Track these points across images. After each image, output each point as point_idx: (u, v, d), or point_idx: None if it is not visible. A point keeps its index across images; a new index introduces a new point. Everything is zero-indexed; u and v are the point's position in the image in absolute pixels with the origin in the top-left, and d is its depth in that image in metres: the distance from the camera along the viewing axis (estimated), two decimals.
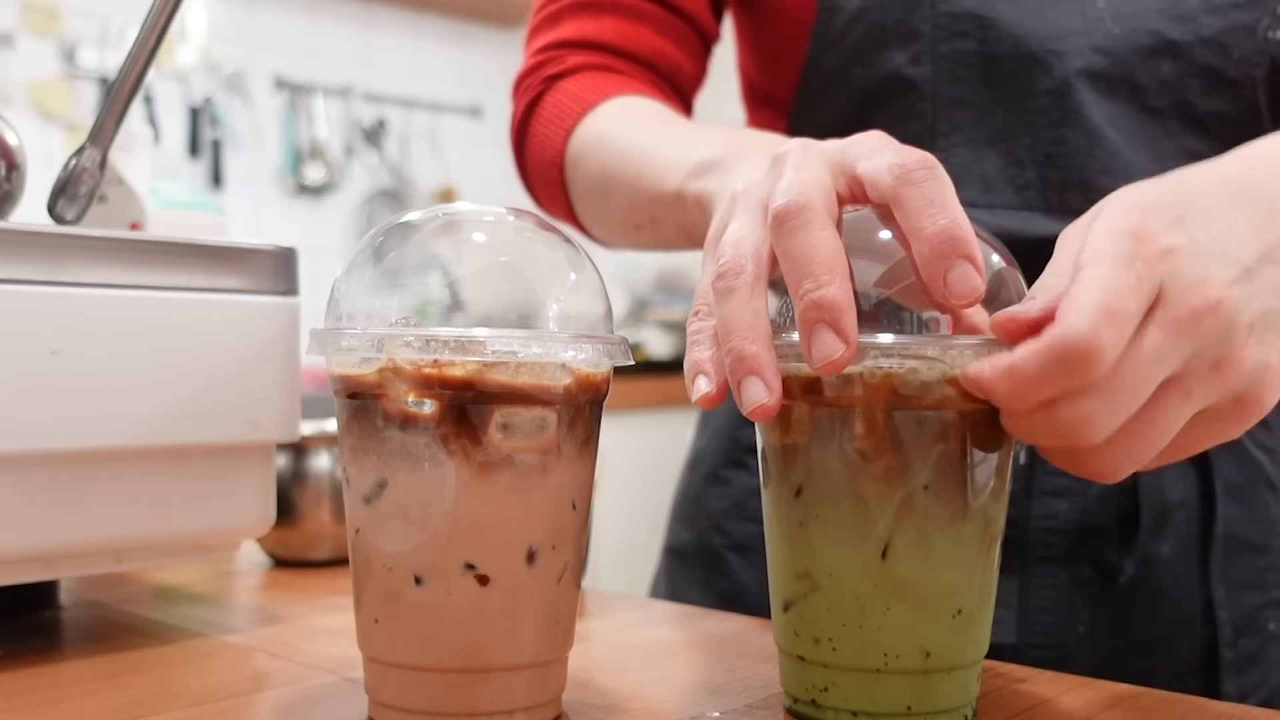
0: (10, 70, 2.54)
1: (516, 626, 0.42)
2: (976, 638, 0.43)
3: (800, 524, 0.43)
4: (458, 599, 0.41)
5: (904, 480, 0.41)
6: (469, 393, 0.40)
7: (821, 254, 0.39)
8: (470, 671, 0.42)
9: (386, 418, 0.41)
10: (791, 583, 0.44)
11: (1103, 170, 0.63)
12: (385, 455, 0.42)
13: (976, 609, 0.43)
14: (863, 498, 0.41)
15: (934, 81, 0.65)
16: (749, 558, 0.76)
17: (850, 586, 0.42)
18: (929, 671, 0.42)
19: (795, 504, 0.43)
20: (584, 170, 0.72)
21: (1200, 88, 0.63)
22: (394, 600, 0.42)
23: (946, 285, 0.38)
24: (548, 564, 0.43)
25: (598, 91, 0.73)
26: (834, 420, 0.41)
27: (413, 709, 0.42)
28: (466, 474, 0.41)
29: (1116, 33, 0.63)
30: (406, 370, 0.41)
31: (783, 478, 0.43)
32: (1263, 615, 0.67)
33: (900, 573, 0.41)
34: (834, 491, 0.42)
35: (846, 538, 0.42)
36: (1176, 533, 0.67)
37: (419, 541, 0.42)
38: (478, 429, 0.41)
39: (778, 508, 0.44)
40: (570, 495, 0.43)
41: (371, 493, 0.42)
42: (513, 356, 0.41)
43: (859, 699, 0.42)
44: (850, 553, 0.42)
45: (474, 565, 0.41)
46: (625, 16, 0.75)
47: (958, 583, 0.42)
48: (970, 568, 0.42)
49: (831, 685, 0.43)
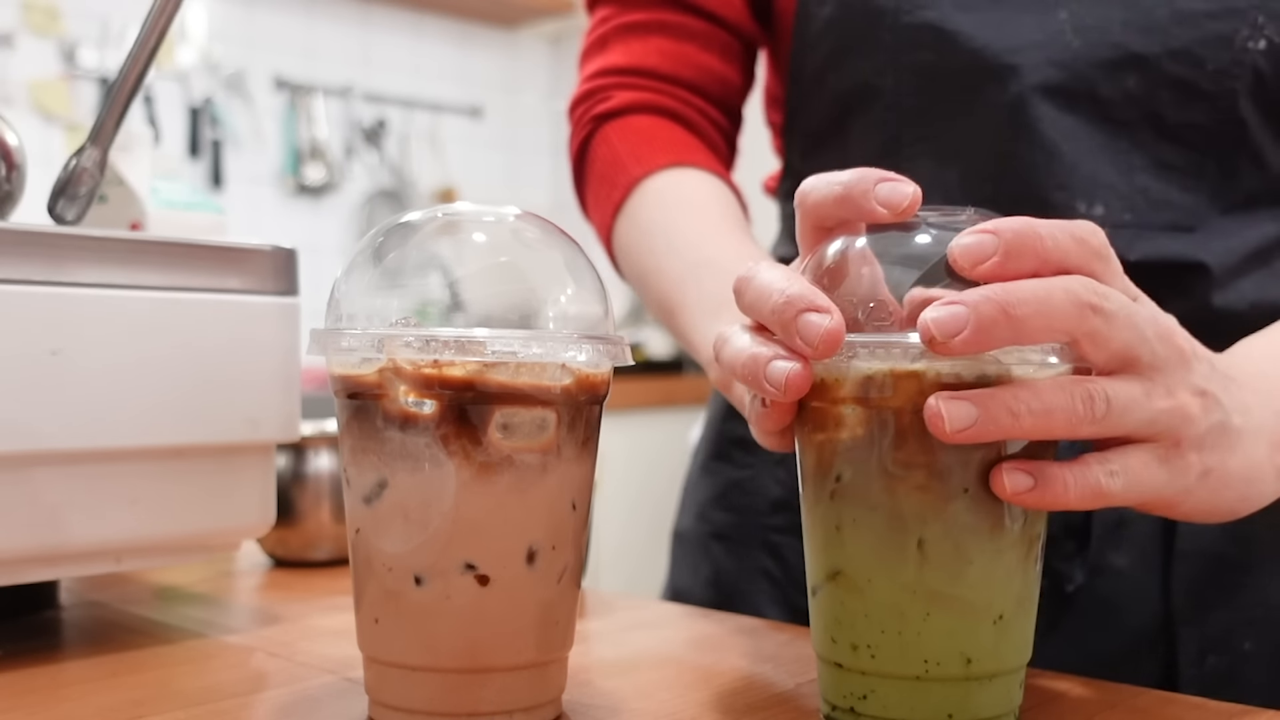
0: (10, 70, 2.54)
1: (516, 627, 0.42)
2: (1018, 643, 0.42)
3: (837, 528, 0.42)
4: (458, 599, 0.41)
5: (944, 486, 0.40)
6: (469, 393, 0.40)
7: (776, 280, 0.41)
8: (470, 671, 0.42)
9: (386, 418, 0.41)
10: (828, 585, 0.43)
11: (1059, 186, 0.63)
12: (385, 455, 0.42)
13: (1017, 614, 0.42)
14: (900, 504, 0.41)
15: (896, 92, 0.66)
16: (728, 546, 0.78)
17: (888, 593, 0.41)
18: (970, 679, 0.41)
19: (831, 507, 0.42)
20: (626, 263, 0.74)
21: (1172, 100, 0.62)
22: (394, 600, 0.42)
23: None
24: (548, 564, 0.43)
25: (642, 161, 0.73)
26: (871, 424, 0.41)
27: (413, 709, 0.42)
28: (466, 474, 0.41)
29: (1076, 45, 0.62)
30: (406, 370, 0.41)
31: (819, 480, 0.43)
32: (1237, 634, 0.65)
33: (939, 580, 0.41)
34: (871, 497, 0.41)
35: (884, 543, 0.41)
36: (1135, 545, 0.65)
37: (419, 542, 0.42)
38: (478, 429, 0.41)
39: (815, 509, 0.43)
40: (570, 495, 0.43)
41: (371, 493, 0.42)
42: (513, 357, 0.41)
43: (899, 707, 0.42)
44: (888, 558, 0.41)
45: (474, 565, 0.41)
46: (671, 36, 0.76)
47: (998, 588, 0.41)
48: (1010, 572, 0.41)
49: (870, 693, 0.42)
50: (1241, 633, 0.65)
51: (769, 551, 0.75)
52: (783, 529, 0.75)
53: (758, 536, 0.76)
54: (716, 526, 0.79)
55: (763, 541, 0.76)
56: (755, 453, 0.76)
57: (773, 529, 0.75)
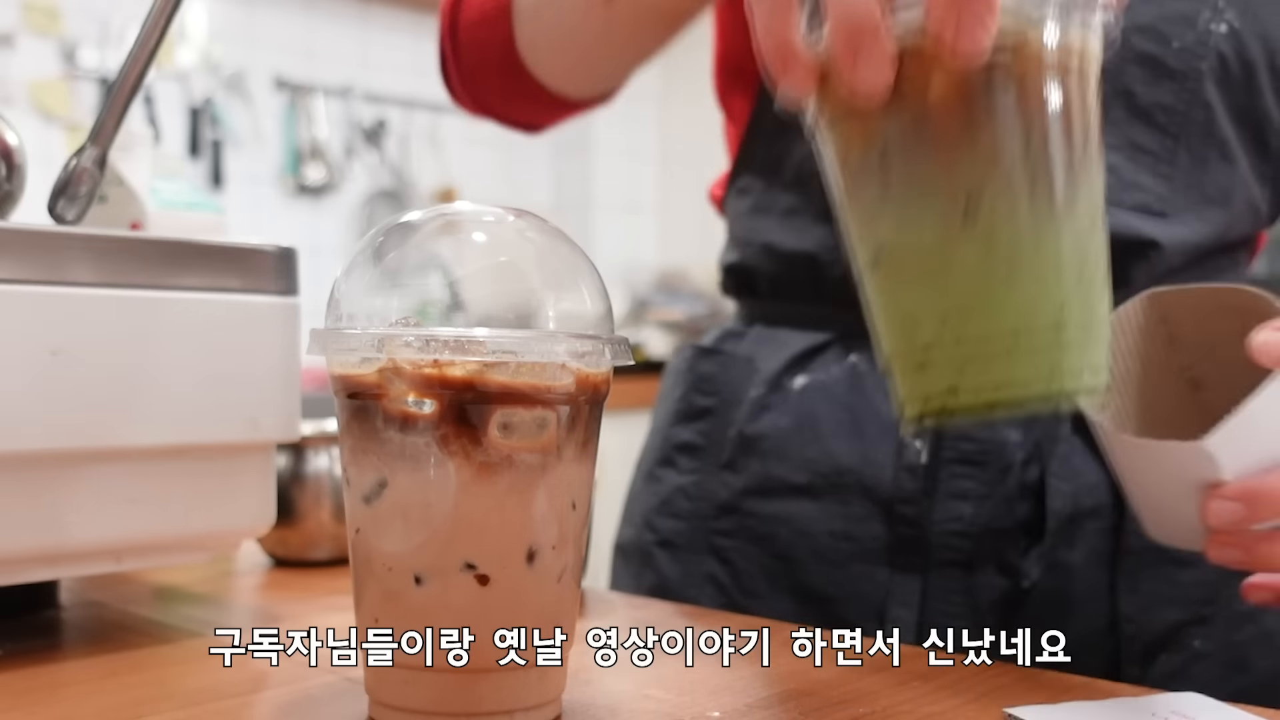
0: (10, 70, 2.54)
1: (516, 626, 0.42)
2: (1103, 301, 0.42)
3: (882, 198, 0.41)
4: (457, 599, 0.41)
5: (995, 150, 0.40)
6: (469, 393, 0.40)
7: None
8: (470, 672, 0.42)
9: (387, 418, 0.41)
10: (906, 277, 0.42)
11: None
12: (385, 455, 0.42)
13: (1099, 276, 0.41)
14: (954, 169, 0.40)
15: None
16: (674, 554, 0.76)
17: (966, 264, 0.40)
18: (1061, 345, 0.40)
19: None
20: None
21: (1141, 76, 0.63)
22: (394, 600, 0.42)
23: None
24: (548, 564, 0.43)
25: None
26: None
27: (413, 709, 0.42)
28: (467, 474, 0.41)
29: None
30: (407, 370, 0.41)
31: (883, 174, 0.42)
32: (1187, 632, 0.65)
33: (1010, 241, 0.40)
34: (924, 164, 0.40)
35: (941, 210, 0.40)
36: (1087, 542, 0.65)
37: (419, 541, 0.42)
38: (478, 429, 0.41)
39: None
40: (570, 495, 0.43)
41: (371, 493, 0.42)
42: (513, 357, 0.41)
43: (992, 387, 0.40)
44: (948, 225, 0.40)
45: (474, 565, 0.41)
46: None
47: (1075, 246, 0.41)
48: (1084, 234, 0.41)
49: (960, 380, 0.41)
50: (1192, 631, 0.65)
51: (716, 556, 0.74)
52: (730, 532, 0.73)
53: (705, 541, 0.74)
54: (662, 534, 0.76)
55: (710, 546, 0.74)
56: (701, 457, 0.75)
57: (720, 533, 0.73)
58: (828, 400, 0.70)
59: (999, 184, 0.40)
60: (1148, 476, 0.51)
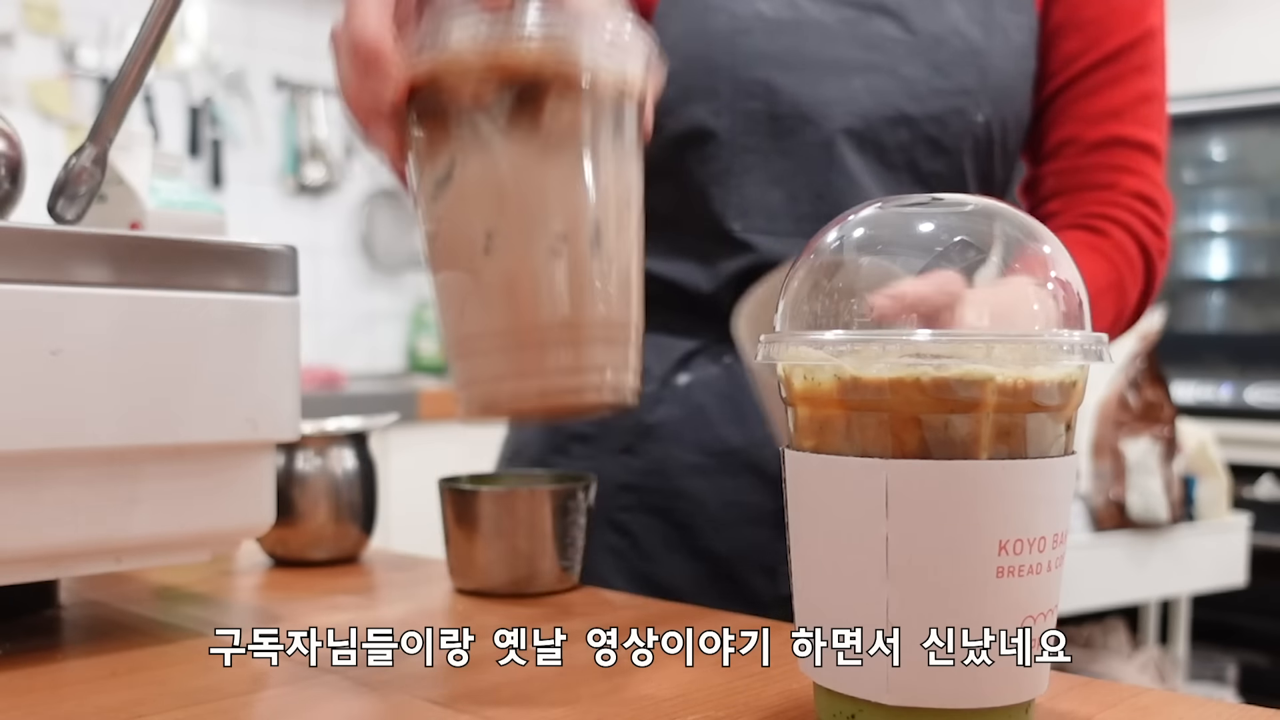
0: (10, 70, 2.54)
1: (590, 292, 0.46)
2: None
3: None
4: (533, 269, 0.45)
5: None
6: (528, 79, 0.45)
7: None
8: (560, 333, 0.46)
9: (454, 107, 0.46)
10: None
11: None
12: (455, 141, 0.46)
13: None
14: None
15: (731, 131, 0.81)
16: None
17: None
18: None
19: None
20: None
21: (926, 152, 0.82)
22: (475, 279, 0.46)
23: None
24: (613, 242, 0.47)
25: None
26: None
27: (504, 375, 0.46)
28: (533, 153, 0.45)
29: (868, 104, 0.80)
30: (470, 60, 0.45)
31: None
32: None
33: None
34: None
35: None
36: None
37: (494, 220, 0.46)
38: (539, 113, 0.45)
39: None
40: (627, 190, 0.48)
41: (441, 178, 0.47)
42: (572, 44, 0.45)
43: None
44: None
45: (547, 237, 0.46)
46: None
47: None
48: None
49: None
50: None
51: (614, 528, 0.83)
52: (630, 508, 0.84)
53: (604, 516, 0.83)
54: None
55: (608, 520, 0.83)
56: (595, 445, 0.85)
57: (620, 508, 0.84)
58: (711, 394, 0.83)
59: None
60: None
